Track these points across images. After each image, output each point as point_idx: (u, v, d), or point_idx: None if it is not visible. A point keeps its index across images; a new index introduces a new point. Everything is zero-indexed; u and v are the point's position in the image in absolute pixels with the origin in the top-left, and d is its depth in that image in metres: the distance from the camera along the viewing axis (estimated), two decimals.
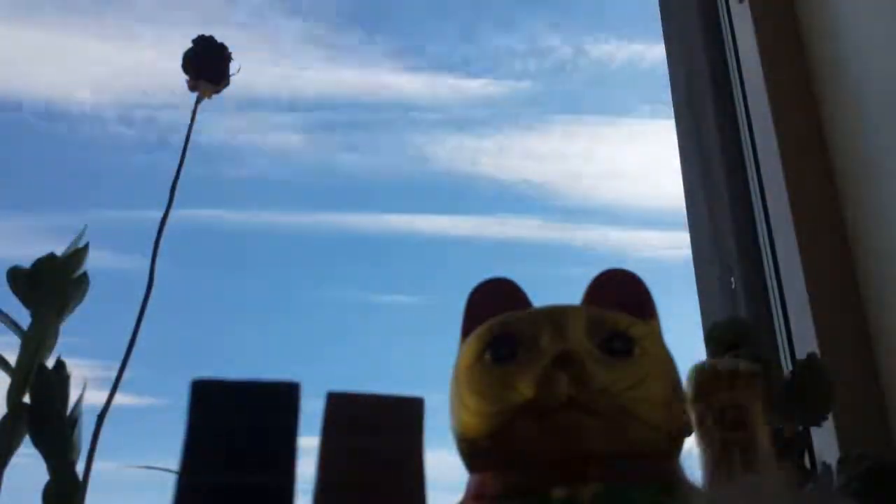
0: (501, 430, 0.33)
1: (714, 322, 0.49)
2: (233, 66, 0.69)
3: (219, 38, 0.69)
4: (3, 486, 0.53)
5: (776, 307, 0.85)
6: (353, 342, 1.10)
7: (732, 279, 0.90)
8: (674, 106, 1.07)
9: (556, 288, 0.41)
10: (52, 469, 0.54)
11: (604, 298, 0.38)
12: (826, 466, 0.59)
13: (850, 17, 0.84)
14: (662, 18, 1.13)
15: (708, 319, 0.90)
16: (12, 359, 0.56)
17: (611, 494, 0.32)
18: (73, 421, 0.56)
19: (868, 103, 0.80)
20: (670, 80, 1.08)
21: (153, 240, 0.62)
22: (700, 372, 0.41)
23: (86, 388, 0.57)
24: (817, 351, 0.74)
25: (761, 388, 0.40)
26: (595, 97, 1.32)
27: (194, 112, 0.67)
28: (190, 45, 0.68)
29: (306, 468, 0.27)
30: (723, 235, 0.93)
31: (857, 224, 0.80)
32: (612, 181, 1.26)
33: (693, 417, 0.41)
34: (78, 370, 0.57)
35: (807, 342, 0.77)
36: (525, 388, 0.33)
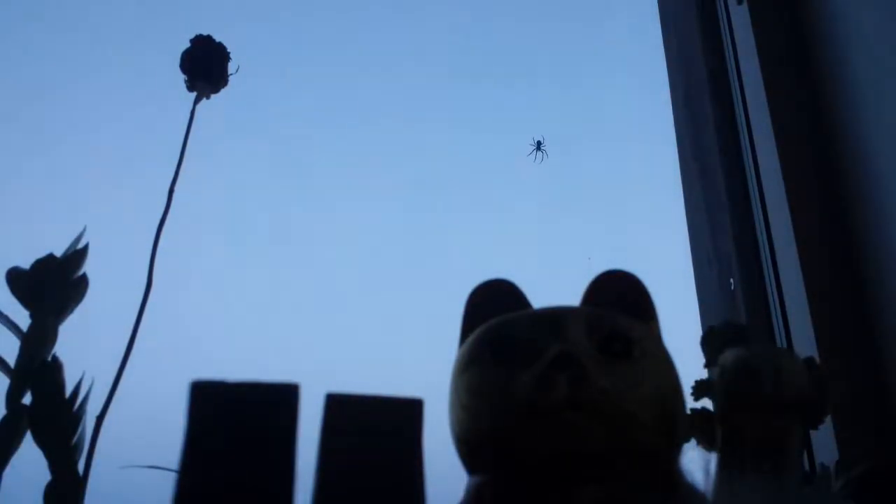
0: (500, 432, 0.33)
1: (710, 326, 0.49)
2: (231, 66, 0.68)
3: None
4: (2, 486, 0.53)
5: (775, 309, 0.85)
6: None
7: (731, 280, 0.90)
8: (672, 107, 1.07)
9: (556, 288, 0.41)
10: (53, 468, 0.54)
11: (603, 299, 0.38)
12: (825, 469, 0.59)
13: (851, 17, 0.84)
14: (661, 19, 1.13)
15: (707, 321, 0.90)
16: (11, 360, 0.56)
17: (610, 496, 0.32)
18: (76, 421, 0.56)
19: (868, 103, 0.80)
20: (669, 80, 1.08)
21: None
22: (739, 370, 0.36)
23: (91, 388, 0.57)
24: (816, 353, 0.74)
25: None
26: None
27: (192, 112, 0.67)
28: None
29: (305, 470, 0.27)
30: (722, 237, 0.93)
31: (857, 224, 0.80)
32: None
33: (719, 432, 0.37)
34: (79, 370, 0.57)
35: (806, 344, 0.77)
36: (524, 390, 0.33)
